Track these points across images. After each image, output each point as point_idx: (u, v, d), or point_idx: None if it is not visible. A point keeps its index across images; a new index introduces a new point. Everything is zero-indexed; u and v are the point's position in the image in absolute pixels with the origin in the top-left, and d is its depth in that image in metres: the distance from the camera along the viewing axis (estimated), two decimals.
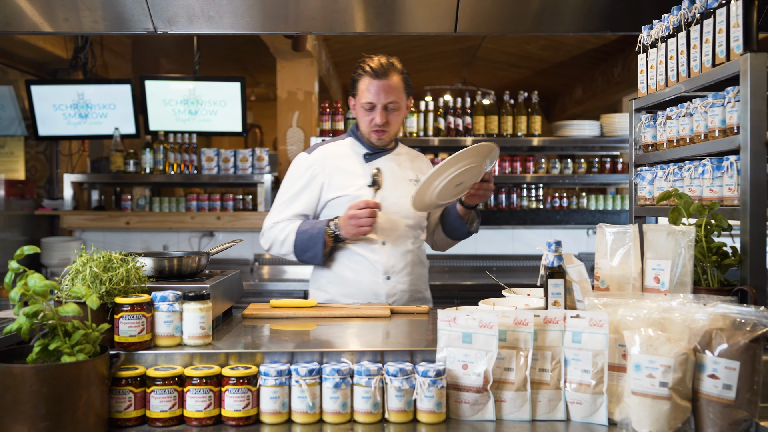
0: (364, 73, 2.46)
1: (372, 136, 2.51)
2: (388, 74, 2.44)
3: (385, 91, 2.43)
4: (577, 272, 1.71)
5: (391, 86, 2.44)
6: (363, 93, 2.46)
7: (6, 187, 4.61)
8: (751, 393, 1.39)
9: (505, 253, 4.98)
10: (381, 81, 2.43)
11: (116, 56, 5.96)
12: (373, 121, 2.46)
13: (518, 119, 4.74)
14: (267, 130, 9.16)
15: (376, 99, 2.44)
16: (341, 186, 2.50)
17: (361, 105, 2.48)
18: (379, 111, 2.45)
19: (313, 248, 2.43)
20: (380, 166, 2.49)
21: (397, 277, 2.51)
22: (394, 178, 2.53)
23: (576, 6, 3.01)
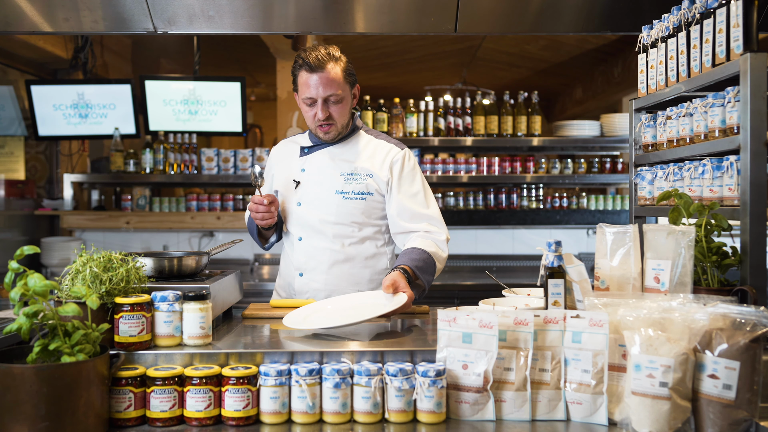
0: (301, 66, 2.33)
1: (318, 131, 2.41)
2: (325, 66, 2.31)
3: (323, 84, 2.31)
4: (577, 272, 1.71)
5: (330, 78, 2.31)
6: (302, 87, 2.35)
7: (6, 187, 4.61)
8: (751, 393, 1.39)
9: (505, 253, 4.98)
10: (318, 74, 2.30)
11: (116, 56, 5.96)
12: (316, 117, 2.36)
13: (518, 119, 4.74)
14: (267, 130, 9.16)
15: (315, 93, 2.32)
16: (281, 178, 2.54)
17: (303, 100, 2.37)
18: (320, 105, 2.33)
19: (252, 231, 2.56)
20: (312, 161, 2.47)
21: (310, 275, 2.44)
22: (321, 172, 2.45)
23: (576, 6, 3.01)
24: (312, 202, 2.44)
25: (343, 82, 2.36)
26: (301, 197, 2.46)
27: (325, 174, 2.45)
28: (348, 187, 2.43)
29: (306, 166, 2.48)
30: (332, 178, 2.44)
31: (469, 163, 4.80)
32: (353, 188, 2.43)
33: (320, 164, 2.47)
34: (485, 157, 4.82)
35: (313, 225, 2.44)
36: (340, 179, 2.43)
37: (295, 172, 2.49)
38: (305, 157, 2.49)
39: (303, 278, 2.46)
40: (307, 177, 2.47)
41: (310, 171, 2.47)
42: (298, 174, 2.48)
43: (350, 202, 2.42)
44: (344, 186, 2.43)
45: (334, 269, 2.43)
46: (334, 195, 2.42)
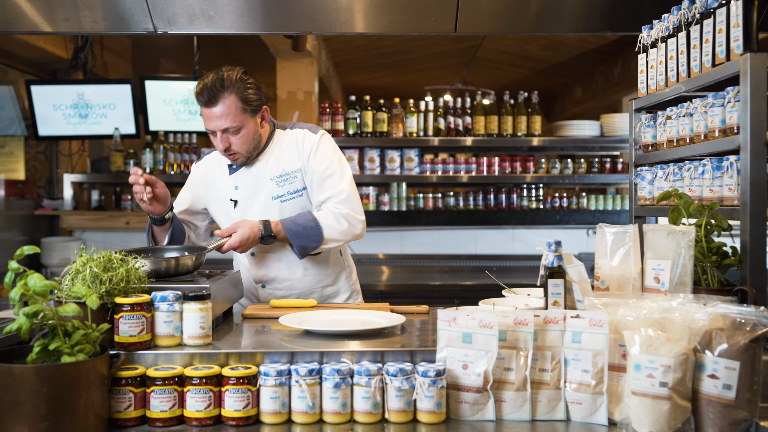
0: (197, 98, 2.28)
1: (227, 159, 2.41)
2: (217, 100, 2.23)
3: (217, 118, 2.25)
4: (577, 272, 1.71)
5: (224, 112, 2.24)
6: (203, 118, 2.31)
7: (6, 187, 4.61)
8: (751, 393, 1.39)
9: (505, 253, 4.98)
10: (211, 109, 2.25)
11: (116, 56, 5.96)
12: (218, 147, 2.33)
13: (518, 119, 4.75)
14: None
15: (212, 126, 2.27)
16: (214, 202, 2.51)
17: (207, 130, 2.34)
18: (219, 137, 2.29)
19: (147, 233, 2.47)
20: (242, 177, 2.43)
21: (272, 285, 2.48)
22: (254, 185, 2.43)
23: (576, 6, 3.01)
24: (254, 216, 2.40)
25: (240, 113, 2.27)
26: (243, 214, 2.43)
27: (258, 185, 2.42)
28: (282, 189, 2.41)
29: (238, 182, 2.45)
30: (265, 186, 2.42)
31: (469, 163, 4.80)
32: (287, 189, 2.42)
33: (250, 178, 2.43)
34: (485, 157, 4.82)
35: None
36: (272, 185, 2.41)
37: (228, 191, 2.46)
38: (234, 175, 2.45)
39: (266, 289, 2.49)
40: (242, 193, 2.44)
41: (243, 186, 2.44)
42: (233, 192, 2.45)
43: (288, 203, 2.41)
44: (278, 190, 2.41)
45: (294, 273, 2.46)
46: (272, 201, 2.41)
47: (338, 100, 4.82)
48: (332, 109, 4.70)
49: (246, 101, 2.28)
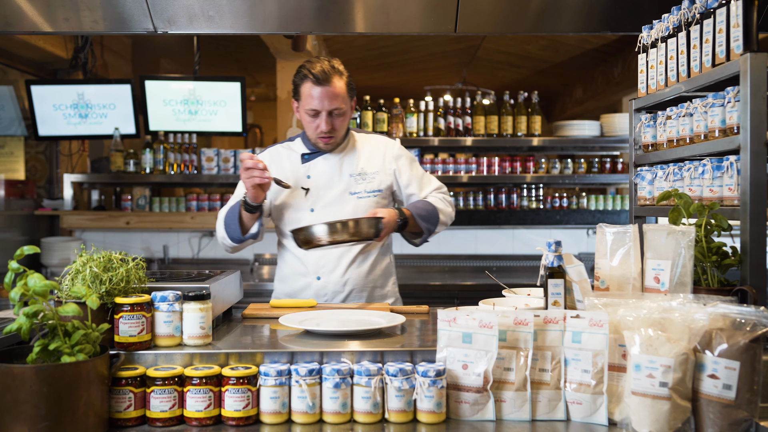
0: (306, 78, 2.38)
1: (319, 141, 2.46)
2: (331, 80, 2.36)
3: (329, 98, 2.36)
4: (577, 272, 1.71)
5: (335, 92, 2.37)
6: (306, 99, 2.39)
7: (6, 187, 4.61)
8: (751, 393, 1.39)
9: (505, 253, 4.98)
10: (324, 87, 2.35)
11: (116, 56, 5.96)
12: (318, 128, 2.41)
13: (518, 119, 4.74)
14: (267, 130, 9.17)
15: (320, 106, 2.37)
16: (280, 193, 2.50)
17: (305, 111, 2.41)
18: (324, 118, 2.39)
19: (233, 220, 2.41)
20: (317, 167, 2.50)
21: (328, 278, 2.48)
22: (329, 176, 2.50)
23: (576, 6, 3.01)
24: (326, 206, 2.47)
25: (346, 96, 2.42)
26: (314, 203, 2.48)
27: (333, 178, 2.50)
28: (359, 186, 2.49)
29: (311, 172, 2.51)
30: (342, 180, 2.50)
31: (469, 163, 4.80)
32: (365, 187, 2.50)
33: (326, 169, 2.50)
34: (485, 157, 4.82)
35: None
36: (350, 180, 2.50)
37: (300, 180, 2.51)
38: (308, 164, 2.52)
39: (320, 281, 2.49)
40: (316, 182, 2.49)
41: (317, 176, 2.50)
42: (305, 181, 2.50)
43: (364, 201, 2.49)
44: (355, 186, 2.49)
45: (350, 270, 2.50)
46: (348, 196, 2.48)
47: None
48: None
49: (350, 88, 2.45)
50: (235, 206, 2.43)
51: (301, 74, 2.40)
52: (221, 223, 2.49)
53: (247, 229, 2.45)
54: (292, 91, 2.47)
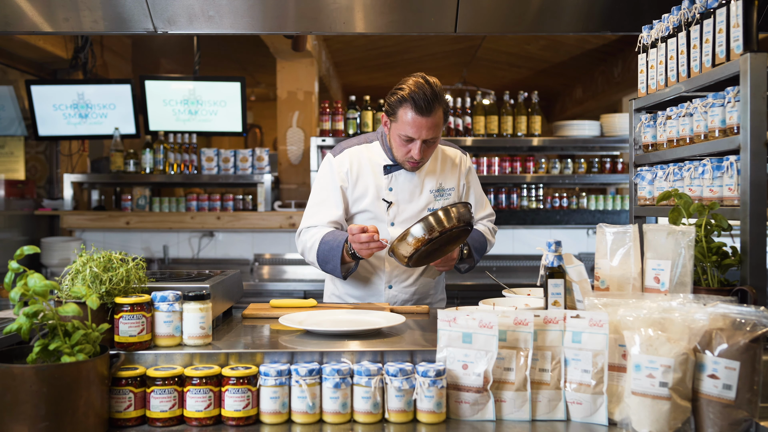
0: (407, 102, 2.26)
1: (406, 164, 2.40)
2: (433, 110, 2.26)
3: (428, 128, 2.27)
4: (577, 272, 1.71)
5: (435, 123, 2.28)
6: (403, 125, 2.29)
7: (6, 187, 4.61)
8: (751, 393, 1.39)
9: (505, 253, 4.98)
10: (426, 118, 2.25)
11: (116, 56, 5.96)
12: (409, 153, 2.34)
13: (518, 119, 4.74)
14: (267, 130, 9.17)
15: (418, 135, 2.28)
16: (360, 198, 2.46)
17: (399, 135, 2.32)
18: (418, 146, 2.30)
19: (332, 261, 2.34)
20: (398, 180, 2.45)
21: (399, 287, 2.50)
22: (411, 191, 2.46)
23: (576, 6, 3.01)
24: (406, 221, 2.43)
25: (441, 124, 2.34)
26: (395, 217, 2.45)
27: (415, 193, 2.47)
28: (437, 203, 2.49)
29: (393, 185, 2.45)
30: (423, 197, 2.48)
31: None
32: (442, 204, 2.49)
33: (408, 184, 2.46)
34: (485, 157, 4.82)
35: None
36: (430, 197, 2.48)
37: (381, 191, 2.45)
38: (390, 176, 2.45)
39: (392, 290, 2.50)
40: (398, 197, 2.45)
41: (399, 191, 2.45)
42: (386, 193, 2.45)
43: None
44: (434, 203, 2.48)
45: (422, 278, 2.53)
46: (426, 213, 2.43)
47: (338, 100, 4.82)
48: (332, 109, 4.70)
49: (446, 114, 2.35)
50: (337, 248, 2.32)
51: (401, 97, 2.28)
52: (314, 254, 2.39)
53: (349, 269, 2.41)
54: (387, 106, 2.35)
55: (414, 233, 2.14)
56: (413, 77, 2.31)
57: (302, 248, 2.47)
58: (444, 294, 2.69)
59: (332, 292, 2.60)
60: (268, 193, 4.76)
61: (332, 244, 2.34)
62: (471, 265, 2.54)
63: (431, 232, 2.13)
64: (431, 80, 2.29)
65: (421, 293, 2.54)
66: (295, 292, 4.27)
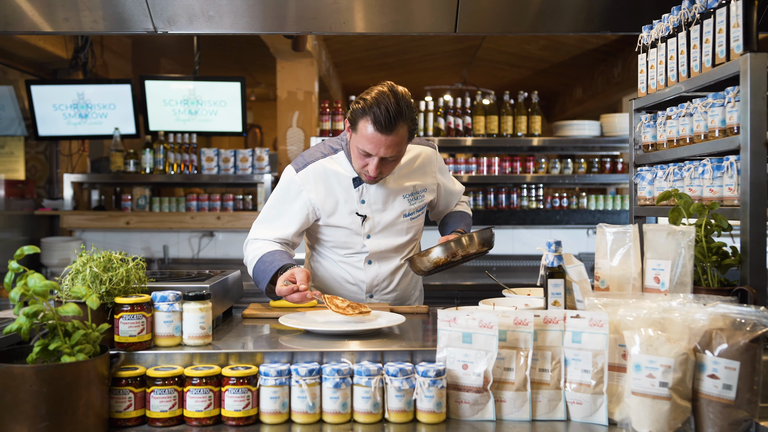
0: (367, 116, 2.11)
1: (362, 176, 2.27)
2: (395, 128, 2.10)
3: (386, 146, 2.13)
4: (577, 272, 1.71)
5: (395, 141, 2.13)
6: (362, 138, 2.14)
7: (6, 187, 4.61)
8: (751, 393, 1.39)
9: (505, 253, 4.98)
10: (385, 136, 2.10)
11: (116, 56, 5.96)
12: (366, 167, 2.21)
13: (518, 119, 4.74)
14: (267, 130, 9.17)
15: (375, 152, 2.14)
16: (331, 213, 2.35)
17: (357, 147, 2.18)
18: (375, 163, 2.17)
19: (262, 282, 2.23)
20: (370, 191, 2.34)
21: (379, 295, 2.47)
22: (384, 201, 2.36)
23: (576, 6, 3.01)
24: (383, 231, 2.39)
25: (406, 141, 2.20)
26: (370, 230, 2.37)
27: (389, 202, 2.37)
28: (412, 206, 2.43)
29: (365, 197, 2.34)
30: (397, 204, 2.38)
31: (469, 163, 4.80)
32: (416, 206, 2.44)
33: (380, 194, 2.35)
34: (485, 157, 4.82)
35: (384, 252, 2.41)
36: (404, 202, 2.40)
37: (353, 204, 2.34)
38: (360, 188, 2.34)
39: (373, 298, 2.47)
40: (372, 208, 2.35)
41: (371, 202, 2.35)
42: (359, 206, 2.34)
43: (416, 220, 2.47)
44: (409, 207, 2.42)
45: (402, 282, 2.51)
46: (402, 219, 2.41)
47: (338, 100, 4.82)
48: (332, 109, 4.70)
49: (412, 131, 2.20)
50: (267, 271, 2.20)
51: (363, 109, 2.12)
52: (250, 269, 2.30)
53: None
54: (350, 115, 2.20)
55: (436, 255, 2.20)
56: (380, 87, 2.15)
57: (246, 259, 2.36)
58: (422, 290, 2.67)
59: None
60: (268, 193, 4.76)
61: (266, 267, 2.21)
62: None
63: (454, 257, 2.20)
64: (399, 92, 2.13)
65: (401, 297, 2.52)
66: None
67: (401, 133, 2.14)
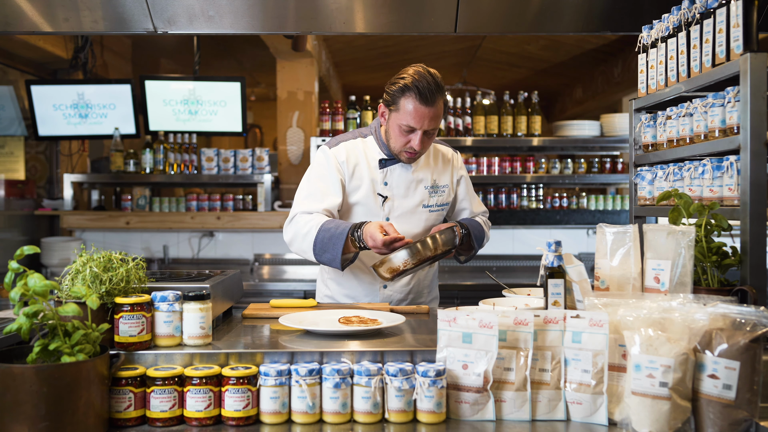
0: (410, 91, 2.24)
1: (403, 155, 2.36)
2: (436, 100, 2.25)
3: (430, 118, 2.26)
4: (577, 272, 1.71)
5: (437, 113, 2.27)
6: (405, 114, 2.26)
7: (6, 187, 4.61)
8: (751, 393, 1.39)
9: (505, 253, 4.98)
10: (428, 108, 2.24)
11: (116, 56, 5.96)
12: (409, 144, 2.31)
13: (518, 119, 4.74)
14: (267, 130, 9.18)
15: (420, 125, 2.26)
16: (355, 190, 2.42)
17: (399, 125, 2.29)
18: (419, 136, 2.28)
19: (332, 249, 2.23)
20: (394, 175, 2.43)
21: (395, 287, 2.49)
22: (407, 187, 2.44)
23: (576, 6, 3.01)
24: (401, 216, 2.43)
25: (442, 115, 2.33)
26: (389, 212, 2.43)
27: (411, 189, 2.45)
28: (432, 200, 2.48)
29: (388, 179, 2.43)
30: (418, 192, 2.46)
31: (469, 163, 4.80)
32: (437, 201, 2.50)
33: (403, 179, 2.44)
34: (485, 157, 4.82)
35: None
36: (425, 193, 2.47)
37: (377, 185, 2.42)
38: (385, 170, 2.43)
39: (387, 290, 2.49)
40: (393, 191, 2.43)
41: (394, 185, 2.43)
42: (381, 188, 2.42)
43: (434, 214, 2.51)
44: (429, 199, 2.48)
45: (415, 278, 2.52)
46: (421, 209, 2.47)
47: (338, 100, 4.82)
48: (332, 109, 4.70)
49: (446, 106, 2.36)
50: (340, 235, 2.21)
51: (403, 85, 2.25)
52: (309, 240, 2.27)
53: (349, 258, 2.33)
54: (387, 96, 2.32)
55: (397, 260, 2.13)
56: (414, 67, 2.29)
57: (293, 234, 2.33)
58: (437, 292, 2.68)
59: (325, 294, 2.57)
60: (268, 193, 4.76)
61: (334, 231, 2.23)
62: (470, 255, 2.54)
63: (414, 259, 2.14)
64: (432, 71, 2.28)
65: (415, 292, 2.53)
66: (295, 292, 4.27)
67: (440, 106, 2.28)
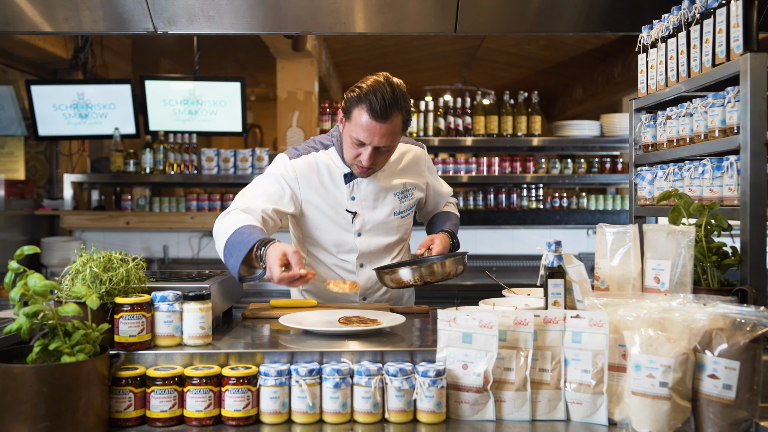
0: (363, 103, 2.09)
1: (354, 168, 2.24)
2: (390, 116, 2.09)
3: (381, 135, 2.11)
4: (577, 272, 1.71)
5: (390, 130, 2.11)
6: (356, 127, 2.12)
7: (6, 187, 4.61)
8: (751, 393, 1.39)
9: (505, 253, 4.98)
10: (380, 124, 2.09)
11: (116, 56, 5.96)
12: (358, 158, 2.18)
13: (518, 119, 4.75)
14: (267, 130, 9.17)
15: (369, 140, 2.12)
16: (319, 205, 2.30)
17: (351, 136, 2.15)
18: (368, 152, 2.14)
19: (236, 255, 1.98)
20: (361, 188, 2.31)
21: (373, 297, 2.46)
22: (375, 198, 2.34)
23: (576, 6, 3.01)
24: (373, 230, 2.36)
25: (400, 132, 2.18)
26: (361, 227, 2.34)
27: (380, 200, 2.35)
28: (403, 205, 2.41)
29: (355, 193, 2.32)
30: (388, 201, 2.36)
31: (469, 163, 4.80)
32: (407, 205, 2.43)
33: (371, 191, 2.33)
34: (485, 157, 4.82)
35: (374, 251, 2.39)
36: (395, 200, 2.38)
37: (342, 201, 2.31)
38: (351, 184, 2.31)
39: (366, 301, 2.45)
40: (362, 204, 2.33)
41: (362, 199, 2.32)
42: (349, 203, 2.32)
43: (405, 219, 2.45)
44: (400, 206, 2.40)
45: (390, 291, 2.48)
46: (393, 218, 2.39)
47: (338, 100, 4.83)
48: (332, 109, 4.70)
49: (406, 123, 2.19)
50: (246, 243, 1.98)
51: (358, 96, 2.11)
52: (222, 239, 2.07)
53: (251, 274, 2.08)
54: (344, 104, 2.17)
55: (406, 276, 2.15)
56: (375, 76, 2.14)
57: (218, 228, 2.13)
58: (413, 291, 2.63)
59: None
60: None
61: (244, 238, 1.99)
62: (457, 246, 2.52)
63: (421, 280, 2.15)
64: (394, 82, 2.13)
65: (395, 299, 2.51)
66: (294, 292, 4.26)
67: (396, 123, 2.13)
